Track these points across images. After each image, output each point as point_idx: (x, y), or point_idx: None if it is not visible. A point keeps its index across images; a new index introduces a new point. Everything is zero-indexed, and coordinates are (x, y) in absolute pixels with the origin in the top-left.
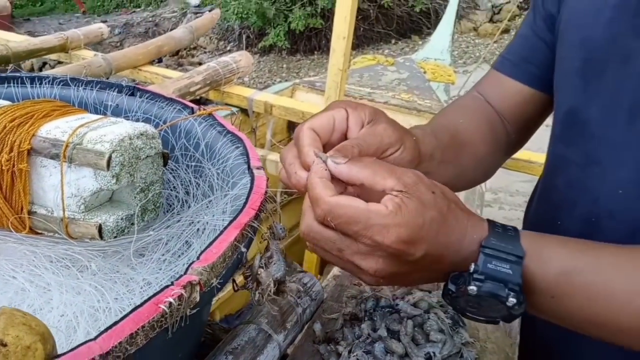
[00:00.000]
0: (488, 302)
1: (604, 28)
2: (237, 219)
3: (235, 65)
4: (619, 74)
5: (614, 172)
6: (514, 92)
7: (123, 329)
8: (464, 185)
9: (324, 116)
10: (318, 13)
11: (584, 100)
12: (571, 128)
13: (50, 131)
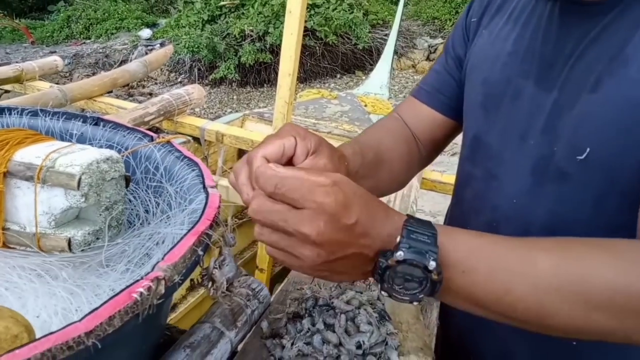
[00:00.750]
0: (412, 271)
1: (500, 71)
2: (195, 228)
3: (188, 97)
4: (511, 107)
5: (509, 185)
6: (427, 117)
7: (103, 312)
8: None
9: (275, 144)
10: (267, 48)
11: (486, 128)
12: (476, 150)
13: (25, 156)
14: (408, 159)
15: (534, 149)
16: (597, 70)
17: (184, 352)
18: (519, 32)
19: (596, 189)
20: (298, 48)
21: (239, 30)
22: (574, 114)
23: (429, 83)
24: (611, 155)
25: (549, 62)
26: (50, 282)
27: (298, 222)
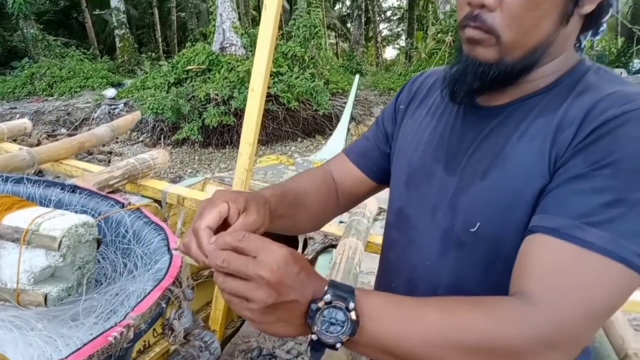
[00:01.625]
0: (336, 314)
1: (420, 156)
2: (160, 284)
3: (152, 161)
4: (426, 186)
5: (423, 250)
6: (353, 174)
7: (85, 351)
8: (294, 232)
9: (213, 213)
10: (231, 112)
11: (407, 202)
12: (399, 219)
13: (13, 220)
14: (325, 206)
15: (442, 222)
16: (486, 162)
17: None
18: (435, 125)
19: (485, 255)
20: (259, 121)
21: (205, 93)
22: (469, 195)
23: (359, 146)
24: (495, 229)
25: (454, 152)
26: (28, 332)
27: (256, 266)
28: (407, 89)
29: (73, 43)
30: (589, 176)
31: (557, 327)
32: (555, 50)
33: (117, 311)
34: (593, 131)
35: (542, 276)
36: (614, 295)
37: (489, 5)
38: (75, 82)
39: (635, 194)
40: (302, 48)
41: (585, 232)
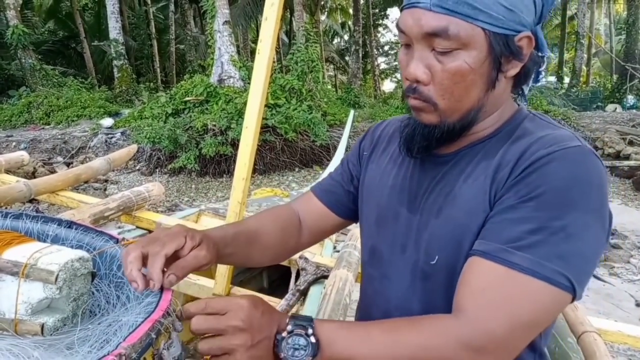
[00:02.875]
0: (298, 340)
1: (387, 199)
2: (151, 316)
3: (147, 194)
4: (394, 225)
5: (396, 283)
6: (319, 210)
7: None
8: (251, 265)
9: (173, 244)
10: (228, 142)
11: (378, 240)
12: (373, 256)
13: (12, 255)
14: (283, 242)
15: (410, 257)
16: (440, 202)
17: None
18: (396, 171)
19: (445, 283)
20: (252, 157)
21: (202, 124)
22: (427, 232)
23: (325, 184)
24: (451, 260)
25: (414, 194)
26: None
27: (226, 320)
28: (369, 137)
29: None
30: (517, 207)
31: (483, 335)
32: (490, 107)
33: (110, 341)
34: (524, 170)
35: (473, 292)
36: (538, 310)
37: (423, 80)
38: (73, 111)
39: (556, 223)
40: (300, 81)
41: (512, 254)
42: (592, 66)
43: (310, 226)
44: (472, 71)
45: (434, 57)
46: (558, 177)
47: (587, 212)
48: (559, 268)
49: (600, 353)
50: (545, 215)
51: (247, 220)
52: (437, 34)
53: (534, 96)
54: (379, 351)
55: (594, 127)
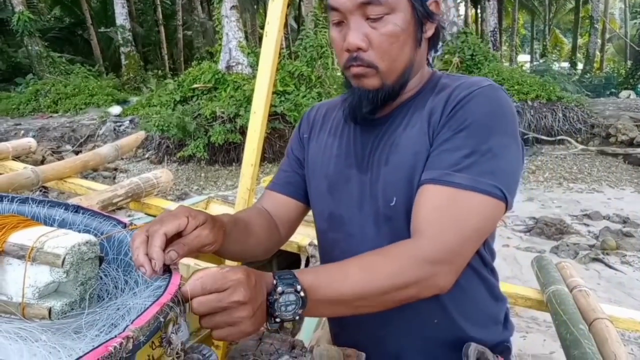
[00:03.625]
0: (289, 297)
1: (334, 167)
2: (159, 300)
3: (156, 181)
4: (347, 188)
5: (363, 238)
6: (283, 203)
7: (87, 359)
8: (247, 257)
9: (174, 224)
10: (237, 129)
11: (335, 206)
12: (334, 222)
13: (18, 239)
14: (270, 235)
15: (368, 210)
16: (386, 153)
17: None
18: (338, 142)
19: (406, 220)
20: (260, 143)
21: (211, 111)
22: (381, 181)
23: (281, 178)
24: (406, 199)
25: (361, 155)
26: (32, 343)
27: (228, 296)
28: (305, 122)
29: (78, 60)
30: (451, 139)
31: (440, 248)
32: (415, 68)
33: (119, 325)
34: (452, 109)
35: (426, 214)
36: (481, 219)
37: (363, 47)
38: (80, 99)
39: (483, 146)
40: (309, 67)
41: (454, 176)
42: (606, 52)
43: (282, 220)
44: (403, 31)
45: (368, 26)
46: (479, 110)
47: (505, 135)
48: (492, 182)
49: (612, 340)
50: (474, 142)
51: (239, 214)
52: (370, 2)
53: (546, 82)
54: (357, 286)
55: (607, 114)
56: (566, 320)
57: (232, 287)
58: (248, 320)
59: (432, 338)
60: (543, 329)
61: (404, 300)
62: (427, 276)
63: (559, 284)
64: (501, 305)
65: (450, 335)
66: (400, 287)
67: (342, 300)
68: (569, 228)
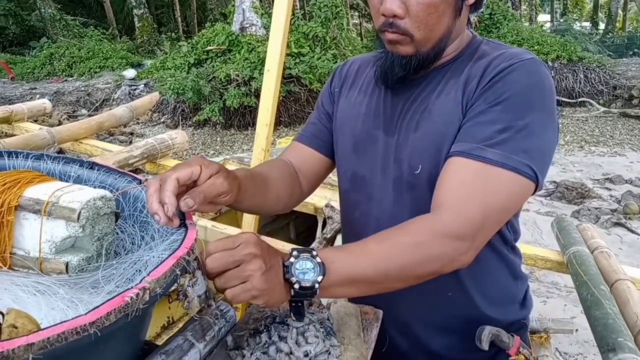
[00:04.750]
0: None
1: (361, 126)
2: (175, 253)
3: (171, 142)
4: (372, 149)
5: (382, 201)
6: (309, 156)
7: (103, 309)
8: (265, 212)
9: (186, 170)
10: (252, 93)
11: (359, 166)
12: (356, 182)
13: (34, 193)
14: (291, 190)
15: (391, 174)
16: (416, 119)
17: (159, 357)
18: (368, 100)
19: (429, 190)
20: (275, 102)
21: (225, 74)
22: (408, 146)
23: (309, 131)
24: (432, 168)
25: (389, 117)
26: (51, 297)
27: (239, 251)
28: (337, 77)
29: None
30: (487, 112)
31: (463, 223)
32: (455, 34)
33: (135, 279)
34: (490, 80)
35: (452, 187)
36: (508, 197)
37: (399, 14)
38: (95, 62)
39: (520, 122)
40: (324, 28)
41: (485, 151)
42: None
43: (306, 174)
44: (442, 1)
45: None
46: (519, 84)
47: (543, 112)
48: (524, 160)
49: (634, 301)
50: (510, 117)
51: (257, 168)
52: None
53: (567, 42)
54: (377, 261)
55: (630, 75)
56: (587, 281)
57: (243, 242)
58: (260, 274)
59: (445, 311)
60: (564, 294)
61: (424, 276)
62: (448, 251)
63: (580, 245)
64: (521, 285)
65: (464, 311)
66: (421, 262)
67: (360, 277)
68: (590, 192)
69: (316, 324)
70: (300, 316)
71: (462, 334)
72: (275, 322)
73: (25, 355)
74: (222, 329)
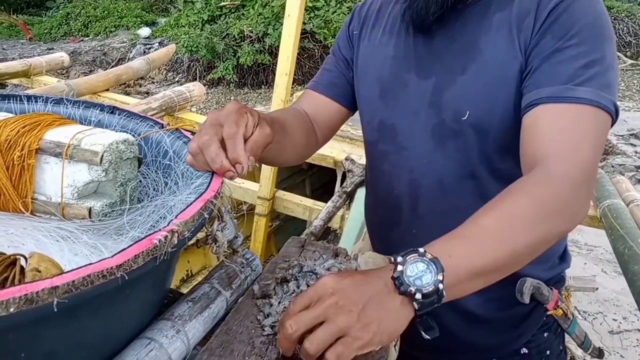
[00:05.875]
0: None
1: (389, 70)
2: (202, 196)
3: (189, 94)
4: (402, 94)
5: (417, 150)
6: (324, 105)
7: (130, 251)
8: (280, 162)
9: (242, 123)
10: (266, 50)
11: (387, 114)
12: (384, 132)
13: (54, 136)
14: (307, 139)
15: (427, 121)
16: (462, 59)
17: (186, 305)
18: (395, 41)
19: (477, 138)
20: (295, 49)
21: (239, 30)
22: (452, 91)
23: (324, 79)
24: (483, 113)
25: (422, 58)
26: (74, 242)
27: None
28: (356, 17)
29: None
30: (562, 49)
31: (579, 168)
32: None
33: (160, 225)
34: (550, 13)
35: (552, 138)
36: (603, 135)
37: None
38: (110, 21)
39: (598, 55)
40: None
41: (576, 91)
42: None
43: (321, 124)
44: None
45: None
46: (587, 14)
47: (612, 41)
48: (609, 95)
49: None
50: (588, 50)
51: (275, 114)
52: None
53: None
54: (502, 238)
55: None
56: (624, 234)
57: (319, 292)
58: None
59: None
60: (584, 252)
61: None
62: (574, 203)
63: (615, 198)
64: (562, 241)
65: None
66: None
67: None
68: (614, 148)
69: None
70: (434, 331)
71: (498, 292)
72: (303, 271)
73: (49, 299)
74: (248, 277)
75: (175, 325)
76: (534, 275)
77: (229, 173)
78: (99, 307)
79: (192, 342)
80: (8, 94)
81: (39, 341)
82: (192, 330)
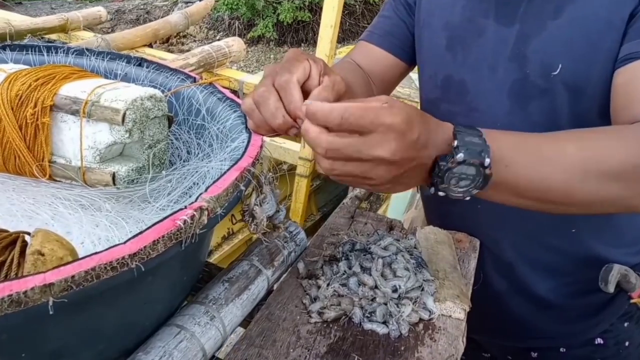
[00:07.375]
0: (467, 170)
1: (461, 14)
2: (238, 164)
3: (227, 49)
4: (476, 44)
5: (489, 112)
6: (380, 59)
7: (148, 236)
8: None
9: (299, 69)
10: (306, 6)
11: (456, 68)
12: (450, 89)
13: (71, 90)
14: (367, 95)
15: (504, 76)
16: (555, 1)
17: (222, 286)
18: None
19: (570, 97)
20: (341, 1)
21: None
22: (541, 39)
23: (380, 28)
24: (580, 67)
25: (505, 1)
26: (94, 213)
27: (371, 148)
28: None
29: None
30: None
31: None
32: None
33: (192, 193)
34: None
35: None
36: None
37: None
38: None
39: None
40: None
41: None
42: None
43: (377, 79)
44: None
45: None
46: None
47: None
48: None
49: None
50: None
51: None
52: None
53: None
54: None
55: None
56: None
57: (380, 133)
58: (388, 182)
59: (561, 251)
60: None
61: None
62: None
63: None
64: None
65: (585, 251)
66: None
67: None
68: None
69: (405, 254)
70: None
71: (572, 276)
72: (355, 249)
73: (42, 299)
74: (291, 253)
75: (209, 311)
76: (619, 260)
77: (293, 130)
78: (115, 298)
79: (228, 329)
80: (26, 44)
81: (41, 340)
82: (228, 315)
